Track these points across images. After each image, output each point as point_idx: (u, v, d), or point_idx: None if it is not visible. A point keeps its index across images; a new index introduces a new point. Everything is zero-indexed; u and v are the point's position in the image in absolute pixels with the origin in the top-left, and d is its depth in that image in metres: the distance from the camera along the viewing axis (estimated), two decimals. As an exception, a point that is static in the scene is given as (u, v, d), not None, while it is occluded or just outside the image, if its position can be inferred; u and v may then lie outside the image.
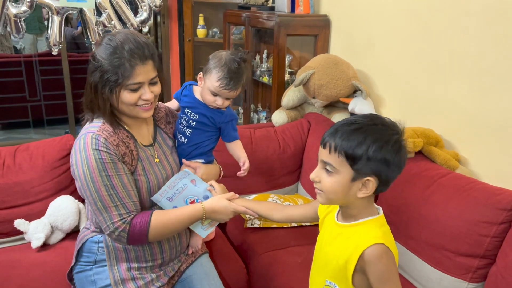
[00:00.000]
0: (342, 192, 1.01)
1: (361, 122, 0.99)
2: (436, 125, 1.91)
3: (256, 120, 3.17)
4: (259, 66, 3.07)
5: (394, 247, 1.05)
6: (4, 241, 1.76)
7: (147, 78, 1.29)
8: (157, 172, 1.41)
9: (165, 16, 3.80)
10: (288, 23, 2.53)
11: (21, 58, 4.29)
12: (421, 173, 1.73)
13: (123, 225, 1.27)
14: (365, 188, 1.00)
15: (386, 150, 0.96)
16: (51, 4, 3.08)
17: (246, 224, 1.95)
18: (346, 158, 0.97)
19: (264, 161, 2.20)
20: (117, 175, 1.27)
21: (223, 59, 1.44)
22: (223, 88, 1.43)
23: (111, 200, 1.26)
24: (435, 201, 1.60)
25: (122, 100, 1.28)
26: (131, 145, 1.35)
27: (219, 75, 1.42)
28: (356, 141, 0.96)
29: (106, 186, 1.25)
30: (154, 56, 1.31)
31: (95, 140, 1.27)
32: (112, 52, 1.24)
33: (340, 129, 0.99)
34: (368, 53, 2.33)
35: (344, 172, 0.99)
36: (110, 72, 1.24)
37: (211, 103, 1.48)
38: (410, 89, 2.07)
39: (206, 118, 1.51)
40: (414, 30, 2.01)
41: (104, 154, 1.26)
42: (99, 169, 1.25)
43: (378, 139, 0.96)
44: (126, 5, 3.34)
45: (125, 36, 1.27)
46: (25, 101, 4.24)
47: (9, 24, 2.93)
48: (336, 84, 2.26)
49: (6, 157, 1.82)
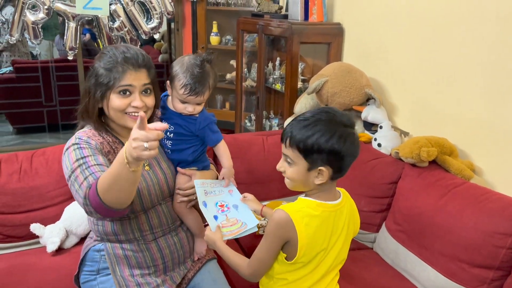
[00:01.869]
0: (301, 180, 1.12)
1: (311, 118, 1.10)
2: (450, 134, 1.89)
3: (268, 127, 3.17)
4: (271, 73, 3.08)
5: (306, 230, 1.11)
6: (20, 245, 1.79)
7: (138, 83, 1.31)
8: (146, 176, 1.40)
9: (179, 23, 3.84)
10: (301, 31, 2.54)
11: (38, 63, 4.36)
12: (435, 182, 1.72)
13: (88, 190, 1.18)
14: (321, 176, 1.11)
15: (332, 142, 1.06)
16: (67, 11, 3.14)
17: (259, 231, 1.95)
18: (299, 151, 1.09)
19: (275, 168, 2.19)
20: (93, 156, 1.27)
21: (184, 64, 1.39)
22: (188, 94, 1.38)
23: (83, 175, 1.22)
24: (450, 211, 1.59)
25: (111, 105, 1.30)
26: (118, 148, 1.36)
27: (182, 82, 1.37)
28: (306, 135, 1.07)
29: (80, 166, 1.24)
30: (150, 67, 1.34)
31: (77, 139, 1.31)
32: (107, 57, 1.30)
33: (295, 125, 1.10)
34: (382, 61, 2.33)
35: (300, 163, 1.10)
36: (103, 75, 1.28)
37: (182, 110, 1.43)
38: (424, 97, 2.06)
39: (181, 128, 1.46)
40: (428, 38, 2.01)
41: (83, 144, 1.29)
42: (77, 158, 1.26)
43: (324, 132, 1.07)
44: (138, 13, 3.40)
45: (124, 47, 1.32)
46: (41, 106, 4.31)
47: (27, 30, 3.00)
48: (349, 92, 2.26)
49: (23, 162, 1.85)
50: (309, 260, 1.16)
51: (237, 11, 3.76)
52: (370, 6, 2.39)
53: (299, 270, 1.18)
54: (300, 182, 1.13)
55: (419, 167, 1.83)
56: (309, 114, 1.12)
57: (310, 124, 1.08)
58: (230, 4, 3.82)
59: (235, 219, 1.44)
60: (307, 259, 1.15)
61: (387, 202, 1.92)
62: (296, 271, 1.18)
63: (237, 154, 2.15)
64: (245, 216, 1.46)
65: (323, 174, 1.10)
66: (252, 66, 3.49)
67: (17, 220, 1.77)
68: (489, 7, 1.70)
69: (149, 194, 1.39)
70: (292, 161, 1.11)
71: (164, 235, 1.44)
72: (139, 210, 1.39)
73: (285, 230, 1.11)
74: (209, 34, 3.84)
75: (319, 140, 1.06)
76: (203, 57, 1.40)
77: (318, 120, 1.09)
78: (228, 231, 1.40)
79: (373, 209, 1.95)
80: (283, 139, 1.13)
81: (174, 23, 3.89)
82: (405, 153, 1.82)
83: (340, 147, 1.07)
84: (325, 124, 1.08)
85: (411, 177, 1.83)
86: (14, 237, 1.77)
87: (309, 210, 1.13)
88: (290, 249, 1.14)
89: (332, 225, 1.16)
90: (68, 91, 4.13)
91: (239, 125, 3.44)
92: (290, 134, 1.10)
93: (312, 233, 1.12)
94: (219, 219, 1.41)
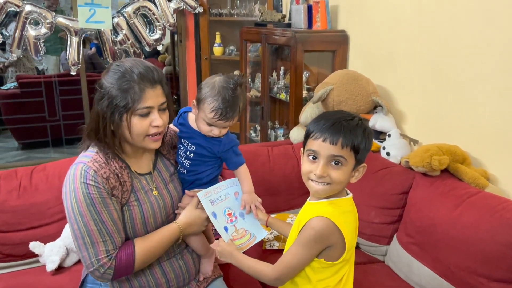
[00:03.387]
0: (345, 181, 1.12)
1: (354, 118, 1.12)
2: (462, 141, 1.82)
3: (273, 137, 3.12)
4: (276, 83, 3.04)
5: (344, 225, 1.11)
6: (20, 264, 1.74)
7: (157, 102, 1.24)
8: (153, 201, 1.34)
9: (182, 35, 3.82)
10: (305, 39, 2.49)
11: (41, 78, 4.36)
12: (448, 192, 1.65)
13: (109, 262, 1.20)
14: (358, 173, 1.14)
15: (371, 140, 1.14)
16: (69, 25, 3.13)
17: (265, 246, 1.89)
18: (354, 150, 1.09)
19: (282, 179, 2.14)
20: (106, 210, 1.20)
21: (216, 87, 1.30)
22: (218, 119, 1.30)
23: (100, 235, 1.19)
24: (465, 222, 1.52)
25: (132, 128, 1.23)
26: (124, 176, 1.28)
27: (213, 106, 1.29)
28: (360, 135, 1.09)
29: (95, 221, 1.19)
30: (163, 81, 1.27)
31: (84, 173, 1.20)
32: (120, 76, 1.19)
33: (345, 126, 1.09)
34: (388, 68, 2.28)
35: (350, 163, 1.11)
36: (119, 97, 1.18)
37: (207, 132, 1.36)
38: (434, 104, 2.00)
39: (204, 149, 1.39)
40: (437, 42, 1.95)
41: (92, 188, 1.20)
42: (87, 203, 1.19)
43: (370, 132, 1.13)
44: (141, 25, 3.38)
45: (133, 62, 1.23)
46: (45, 121, 4.29)
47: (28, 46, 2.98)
48: (355, 100, 2.20)
49: (22, 178, 1.81)
50: (350, 256, 1.17)
51: (240, 21, 3.73)
52: (375, 12, 2.34)
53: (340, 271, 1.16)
54: (344, 183, 1.13)
55: (431, 176, 1.76)
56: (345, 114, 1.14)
57: (358, 124, 1.11)
58: (233, 14, 3.80)
59: (243, 230, 1.40)
60: (349, 255, 1.16)
61: (398, 213, 1.85)
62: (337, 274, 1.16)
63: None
64: (253, 227, 1.43)
65: (361, 171, 1.14)
66: (256, 76, 3.45)
67: (16, 238, 1.72)
68: (500, 11, 1.65)
69: (155, 221, 1.33)
70: (346, 161, 1.09)
71: (169, 259, 1.38)
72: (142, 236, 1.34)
73: (328, 236, 1.10)
74: (212, 45, 3.82)
75: (369, 138, 1.12)
76: (236, 80, 1.31)
77: (359, 119, 1.13)
78: (239, 244, 1.38)
79: (384, 221, 1.88)
80: (335, 141, 1.07)
81: (177, 35, 3.87)
82: (415, 162, 1.75)
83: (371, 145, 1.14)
84: (365, 122, 1.13)
85: (423, 187, 1.76)
86: (14, 256, 1.73)
87: (340, 208, 1.13)
88: (331, 252, 1.13)
89: (354, 211, 1.19)
90: (72, 105, 4.12)
91: (244, 136, 3.39)
92: (345, 135, 1.08)
93: (352, 228, 1.15)
94: (229, 231, 1.38)
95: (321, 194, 1.13)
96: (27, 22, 2.97)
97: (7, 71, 5.03)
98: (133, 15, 3.36)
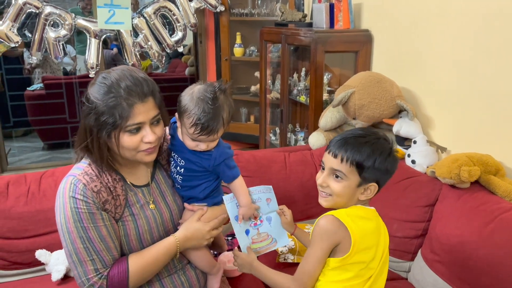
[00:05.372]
0: (347, 195, 1.11)
1: (368, 135, 1.11)
2: (495, 150, 1.67)
3: (293, 141, 3.02)
4: (296, 84, 2.93)
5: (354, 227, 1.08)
6: (25, 272, 1.70)
7: (147, 117, 1.15)
8: (149, 216, 1.25)
9: (202, 35, 3.77)
10: (326, 40, 2.38)
11: (62, 80, 4.40)
12: (478, 207, 1.51)
13: (100, 281, 1.13)
14: (367, 192, 1.12)
15: (388, 161, 1.10)
16: (89, 27, 3.12)
17: (279, 259, 1.79)
18: (356, 167, 1.08)
19: (298, 187, 2.04)
20: (94, 226, 1.13)
21: (194, 99, 1.17)
22: (199, 134, 1.18)
23: (87, 253, 1.12)
24: (497, 241, 1.38)
25: (122, 145, 1.15)
26: (117, 189, 1.21)
27: (192, 120, 1.17)
28: (366, 153, 1.07)
29: (81, 238, 1.12)
30: (155, 92, 1.17)
31: (73, 186, 1.13)
32: (106, 91, 1.10)
33: (351, 142, 1.09)
34: (415, 70, 2.13)
35: (352, 179, 1.09)
36: (106, 113, 1.10)
37: (193, 148, 1.24)
38: (464, 109, 1.85)
39: (193, 164, 1.27)
40: (467, 44, 1.80)
41: (80, 203, 1.13)
42: (74, 220, 1.12)
43: (383, 152, 1.09)
44: (162, 26, 3.34)
45: (121, 73, 1.13)
46: (66, 122, 4.32)
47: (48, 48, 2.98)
48: (378, 104, 2.07)
49: (31, 184, 1.78)
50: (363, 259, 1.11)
51: (261, 21, 3.64)
52: (401, 10, 2.20)
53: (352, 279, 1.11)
54: (346, 197, 1.12)
55: (459, 188, 1.61)
56: (363, 132, 1.13)
57: (369, 141, 1.09)
58: (253, 14, 3.71)
59: (266, 234, 1.34)
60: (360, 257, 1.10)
61: (423, 227, 1.71)
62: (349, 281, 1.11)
63: (255, 172, 2.02)
64: (277, 233, 1.36)
65: (372, 190, 1.11)
66: (277, 77, 3.35)
67: (23, 245, 1.68)
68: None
69: (152, 237, 1.25)
70: (345, 176, 1.09)
71: (170, 275, 1.29)
72: None
73: (335, 232, 1.09)
74: (232, 45, 3.74)
75: (379, 158, 1.08)
76: (214, 89, 1.18)
77: (376, 138, 1.11)
78: (257, 247, 1.32)
79: (407, 235, 1.74)
80: (336, 155, 1.10)
81: (197, 35, 3.82)
82: (442, 173, 1.61)
83: (392, 166, 1.11)
84: (382, 142, 1.10)
85: (450, 200, 1.62)
86: (20, 263, 1.69)
87: (350, 211, 1.12)
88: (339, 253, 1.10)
89: (377, 223, 1.15)
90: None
91: (263, 139, 3.29)
92: (347, 150, 1.08)
93: (362, 228, 1.10)
94: (250, 233, 1.32)
95: (324, 205, 1.15)
96: (46, 24, 2.97)
97: (34, 72, 5.12)
98: (153, 16, 3.33)
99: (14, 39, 2.95)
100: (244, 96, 3.86)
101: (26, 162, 4.26)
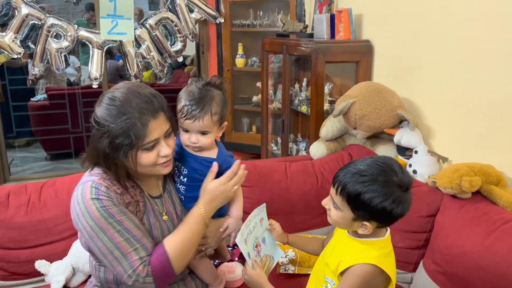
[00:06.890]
0: (344, 225, 1.13)
1: (369, 175, 1.06)
2: (496, 160, 1.66)
3: (295, 150, 3.01)
4: (297, 95, 2.93)
5: (390, 268, 1.10)
6: (25, 283, 1.70)
7: (161, 132, 1.16)
8: (163, 226, 1.26)
9: (204, 46, 3.79)
10: (327, 50, 2.39)
11: (65, 90, 4.42)
12: (480, 217, 1.49)
13: (144, 269, 1.12)
14: (363, 228, 1.10)
15: (385, 204, 1.04)
16: (91, 38, 3.15)
17: (279, 270, 1.78)
18: (348, 202, 1.07)
19: (299, 197, 2.02)
20: (127, 218, 1.14)
21: (187, 88, 1.26)
22: (185, 117, 1.21)
23: (129, 244, 1.12)
24: (499, 252, 1.36)
25: (140, 163, 1.15)
26: (137, 196, 1.22)
27: (181, 104, 1.23)
28: (359, 191, 1.05)
29: (119, 232, 1.12)
30: (164, 106, 1.18)
31: (94, 190, 1.13)
32: (118, 113, 1.09)
33: (349, 176, 1.08)
34: (416, 80, 2.13)
35: (346, 212, 1.09)
36: (121, 136, 1.09)
37: (186, 142, 1.26)
38: (465, 119, 1.84)
39: (195, 172, 1.29)
40: (468, 54, 1.80)
41: (106, 202, 1.13)
42: (105, 217, 1.12)
43: (379, 194, 1.03)
44: (163, 36, 3.37)
45: (127, 91, 1.12)
46: (68, 133, 4.33)
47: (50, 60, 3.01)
48: (379, 114, 2.07)
49: (32, 194, 1.78)
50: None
51: (262, 32, 3.66)
52: (402, 21, 2.21)
53: None
54: (343, 225, 1.14)
55: (461, 198, 1.60)
56: (367, 168, 1.08)
57: (367, 182, 1.05)
58: (255, 25, 3.73)
59: (265, 256, 1.33)
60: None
61: (424, 237, 1.70)
62: None
63: (256, 182, 2.01)
64: (272, 249, 1.35)
65: (367, 227, 1.09)
66: (279, 88, 3.37)
67: (22, 256, 1.68)
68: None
69: None
70: (338, 208, 1.11)
71: (170, 285, 1.28)
72: None
73: (375, 280, 1.09)
74: (234, 56, 3.76)
75: (372, 200, 1.04)
76: (206, 80, 1.26)
77: (375, 180, 1.05)
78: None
79: (409, 245, 1.73)
80: (334, 184, 1.11)
81: (199, 46, 3.85)
82: (443, 183, 1.60)
83: (392, 209, 1.05)
84: (381, 185, 1.04)
85: (451, 210, 1.60)
86: (19, 274, 1.68)
87: (382, 250, 1.12)
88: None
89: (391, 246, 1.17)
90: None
91: (265, 149, 3.29)
92: (343, 183, 1.08)
93: (394, 268, 1.14)
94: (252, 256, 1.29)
95: (331, 223, 1.16)
96: (49, 35, 3.00)
97: (38, 83, 5.16)
98: (155, 26, 3.35)
99: (17, 50, 2.98)
100: (246, 106, 3.88)
101: (29, 172, 4.28)
